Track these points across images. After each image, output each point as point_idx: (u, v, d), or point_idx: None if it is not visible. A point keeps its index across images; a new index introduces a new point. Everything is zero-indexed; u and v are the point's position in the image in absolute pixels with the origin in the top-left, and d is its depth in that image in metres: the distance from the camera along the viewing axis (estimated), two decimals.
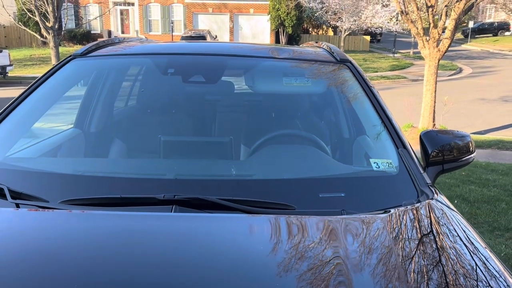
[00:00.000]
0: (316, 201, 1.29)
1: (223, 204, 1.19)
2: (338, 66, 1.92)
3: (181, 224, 1.14)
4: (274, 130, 1.74)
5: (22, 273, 0.92)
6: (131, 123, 2.02)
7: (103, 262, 0.98)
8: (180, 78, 1.97)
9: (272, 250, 1.03)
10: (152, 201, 1.20)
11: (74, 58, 1.90)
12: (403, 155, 1.47)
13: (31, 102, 1.71)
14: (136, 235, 1.08)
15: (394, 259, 0.99)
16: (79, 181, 1.39)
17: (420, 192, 1.35)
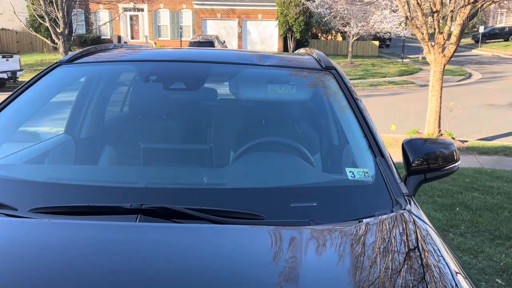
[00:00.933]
0: (286, 211, 1.28)
1: (189, 213, 1.18)
2: (323, 74, 1.91)
3: (144, 234, 1.13)
4: (255, 138, 1.73)
5: None
6: (113, 130, 2.03)
7: (62, 269, 0.98)
8: (161, 85, 1.97)
9: (231, 260, 1.03)
10: (118, 210, 1.20)
11: (60, 64, 1.92)
12: (380, 164, 1.45)
13: (15, 108, 1.73)
14: (98, 244, 1.08)
15: (350, 269, 0.98)
16: (49, 189, 1.40)
17: (395, 202, 1.33)
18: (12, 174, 1.55)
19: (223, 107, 2.13)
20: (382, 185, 1.38)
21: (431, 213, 4.44)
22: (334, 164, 1.72)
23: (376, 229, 1.20)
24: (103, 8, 29.80)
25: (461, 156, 7.74)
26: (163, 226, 1.17)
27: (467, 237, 3.85)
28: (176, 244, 1.10)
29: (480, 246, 3.65)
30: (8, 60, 16.16)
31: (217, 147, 1.69)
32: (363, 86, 18.02)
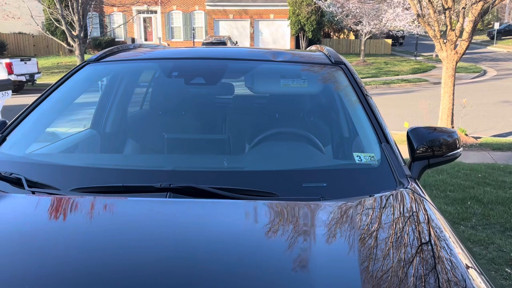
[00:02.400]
0: (298, 190, 1.41)
1: (212, 191, 1.32)
2: (332, 68, 2.03)
3: (173, 207, 1.28)
4: (270, 128, 1.87)
5: (32, 249, 1.06)
6: (140, 122, 2.18)
7: (103, 238, 1.13)
8: (182, 80, 2.11)
9: (250, 229, 1.17)
10: (150, 189, 1.34)
11: (88, 63, 2.08)
12: (385, 149, 1.57)
13: (49, 104, 1.89)
14: (137, 215, 1.24)
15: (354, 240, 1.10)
16: (87, 173, 1.55)
17: (398, 183, 1.45)
18: (52, 161, 1.71)
19: (239, 100, 2.27)
20: (387, 168, 1.50)
21: (442, 207, 4.50)
22: (343, 150, 1.84)
23: (379, 203, 1.32)
24: (117, 10, 30.26)
25: (474, 152, 7.75)
26: (190, 201, 1.32)
27: (478, 230, 3.91)
28: (201, 215, 1.24)
29: (491, 238, 3.71)
30: (27, 63, 16.56)
31: (234, 136, 1.83)
32: (376, 84, 18.00)
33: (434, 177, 5.60)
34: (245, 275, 0.97)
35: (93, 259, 1.02)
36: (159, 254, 1.03)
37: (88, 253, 1.04)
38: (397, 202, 1.34)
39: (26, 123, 1.80)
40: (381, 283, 0.93)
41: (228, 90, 2.16)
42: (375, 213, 1.26)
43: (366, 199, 1.33)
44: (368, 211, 1.27)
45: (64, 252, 1.05)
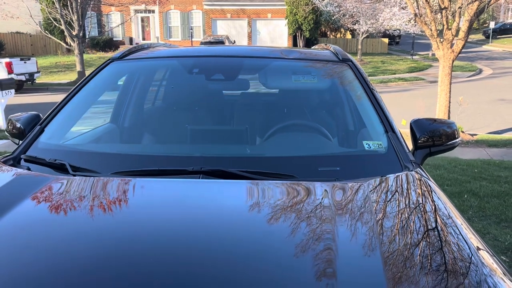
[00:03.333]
0: (315, 173, 1.57)
1: (238, 173, 1.49)
2: (340, 65, 2.19)
3: (206, 187, 1.45)
4: (284, 120, 2.02)
5: (79, 224, 1.21)
6: (163, 115, 2.33)
7: (146, 210, 1.30)
8: (203, 76, 2.27)
9: (273, 204, 1.33)
10: (183, 172, 1.51)
11: (112, 61, 2.23)
12: (392, 138, 1.73)
13: (79, 98, 2.04)
14: (174, 193, 1.42)
15: (367, 210, 1.25)
16: (124, 159, 1.71)
17: (404, 167, 1.61)
18: (90, 149, 1.87)
19: (254, 95, 2.43)
20: (393, 154, 1.67)
21: None
22: (353, 139, 1.99)
23: (388, 182, 1.48)
24: (115, 10, 30.32)
25: (470, 148, 7.92)
26: (220, 182, 1.48)
27: (474, 221, 4.08)
28: (229, 193, 1.42)
29: (487, 228, 3.87)
30: (26, 63, 16.63)
31: (253, 127, 1.98)
32: (373, 83, 18.02)
33: (432, 172, 5.76)
34: (269, 244, 1.10)
35: (142, 231, 1.18)
36: (195, 226, 1.19)
37: (136, 227, 1.20)
38: (404, 182, 1.49)
39: (60, 116, 1.94)
40: (400, 259, 1.03)
41: (244, 85, 2.31)
42: (387, 191, 1.42)
43: (377, 179, 1.48)
44: (380, 189, 1.42)
45: (116, 226, 1.20)
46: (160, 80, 2.47)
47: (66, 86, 17.81)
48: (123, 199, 1.34)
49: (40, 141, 1.79)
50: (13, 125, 1.99)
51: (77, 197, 1.36)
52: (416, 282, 0.95)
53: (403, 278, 0.96)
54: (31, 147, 1.76)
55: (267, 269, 1.00)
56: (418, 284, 0.94)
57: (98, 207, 1.29)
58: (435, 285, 0.94)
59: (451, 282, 0.96)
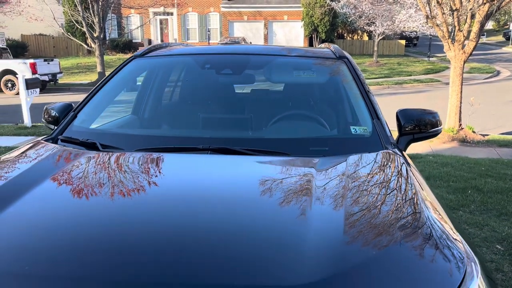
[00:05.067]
0: (306, 152, 1.84)
1: (240, 150, 1.78)
2: (336, 61, 2.45)
3: (213, 160, 1.75)
4: (284, 109, 2.28)
5: (107, 189, 1.48)
6: (180, 104, 2.63)
7: (165, 176, 1.61)
8: (214, 71, 2.55)
9: (268, 171, 1.64)
10: (195, 149, 1.81)
11: (135, 58, 2.53)
12: (376, 124, 1.98)
13: (105, 90, 2.34)
14: (188, 164, 1.73)
15: (344, 180, 1.50)
16: (146, 139, 2.03)
17: (385, 148, 1.86)
18: (116, 131, 2.17)
19: (259, 87, 2.71)
20: (376, 137, 1.92)
21: (444, 195, 4.83)
22: (343, 125, 2.25)
23: (364, 157, 1.74)
24: (135, 12, 30.99)
25: (481, 148, 8.02)
26: (225, 156, 1.77)
27: (475, 214, 4.25)
28: (233, 165, 1.72)
29: (486, 220, 4.04)
30: (49, 64, 17.22)
31: (255, 115, 2.26)
32: (388, 84, 18.25)
33: (439, 170, 5.92)
34: (256, 205, 1.35)
35: (161, 192, 1.47)
36: (204, 192, 1.47)
37: (157, 190, 1.49)
38: (378, 158, 1.75)
39: (89, 105, 2.25)
40: (359, 212, 1.26)
41: (250, 79, 2.59)
42: (361, 164, 1.68)
43: (355, 155, 1.75)
44: (356, 162, 1.69)
45: (139, 190, 1.47)
46: (176, 75, 2.76)
47: (87, 87, 18.37)
48: (145, 168, 1.64)
49: (74, 125, 2.11)
50: (48, 113, 2.31)
51: (106, 166, 1.66)
52: (369, 229, 1.18)
53: (360, 230, 1.19)
54: (66, 130, 2.07)
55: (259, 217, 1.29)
56: (372, 238, 1.15)
57: (124, 175, 1.57)
58: (386, 240, 1.14)
59: (400, 239, 1.14)
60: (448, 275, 1.04)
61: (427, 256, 1.10)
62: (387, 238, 1.14)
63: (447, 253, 1.11)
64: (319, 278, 0.97)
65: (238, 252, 1.08)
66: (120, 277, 0.98)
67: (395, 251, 1.10)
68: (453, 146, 7.90)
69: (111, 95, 2.38)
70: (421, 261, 1.08)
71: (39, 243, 1.13)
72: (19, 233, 1.18)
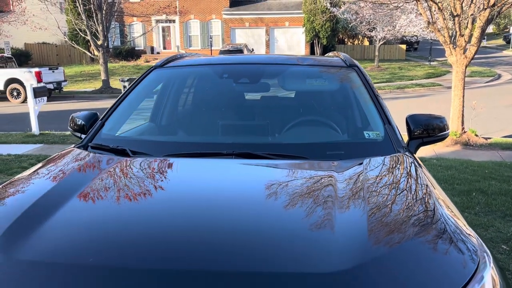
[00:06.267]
0: (324, 155, 1.96)
1: (262, 155, 1.89)
2: (347, 70, 2.57)
3: (237, 163, 1.86)
4: (299, 116, 2.41)
5: (134, 191, 1.59)
6: (202, 111, 2.75)
7: (193, 179, 1.73)
8: (232, 80, 2.68)
9: (290, 175, 1.74)
10: (221, 154, 1.93)
11: (155, 68, 2.66)
12: (388, 129, 2.10)
13: (129, 100, 2.46)
14: (215, 168, 1.84)
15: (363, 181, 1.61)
16: (172, 145, 2.15)
17: (397, 151, 1.97)
18: (143, 138, 2.30)
19: (274, 95, 2.83)
20: (388, 141, 2.03)
21: (449, 197, 4.93)
22: (357, 130, 2.37)
23: (381, 161, 1.86)
24: (137, 20, 31.25)
25: (484, 151, 8.11)
26: (249, 161, 1.88)
27: (480, 216, 4.34)
28: (257, 168, 1.83)
29: (491, 222, 4.13)
30: (54, 72, 17.40)
31: (273, 121, 2.38)
32: (390, 89, 18.37)
33: (443, 173, 6.02)
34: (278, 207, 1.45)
35: (191, 194, 1.59)
36: (229, 191, 1.60)
37: (186, 192, 1.61)
38: (392, 160, 1.87)
39: (115, 113, 2.37)
40: (380, 214, 1.36)
41: (265, 87, 2.71)
42: (377, 167, 1.79)
43: (370, 158, 1.86)
44: (371, 165, 1.80)
45: (171, 192, 1.60)
46: (196, 84, 2.89)
47: (91, 94, 18.55)
48: (175, 172, 1.77)
49: (102, 132, 2.23)
50: (74, 122, 2.43)
51: (140, 171, 1.77)
52: (390, 225, 1.29)
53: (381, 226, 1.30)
54: (95, 137, 2.19)
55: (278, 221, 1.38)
56: (393, 233, 1.26)
57: (158, 179, 1.69)
58: (405, 234, 1.24)
59: (418, 234, 1.24)
60: (462, 266, 1.16)
61: (442, 249, 1.21)
62: (406, 233, 1.25)
63: (462, 246, 1.23)
64: (347, 267, 1.08)
65: (274, 247, 1.20)
66: (172, 267, 1.11)
67: (413, 245, 1.21)
68: (456, 149, 8.00)
69: (134, 104, 2.49)
70: (438, 253, 1.20)
71: (95, 238, 1.26)
72: (76, 231, 1.31)
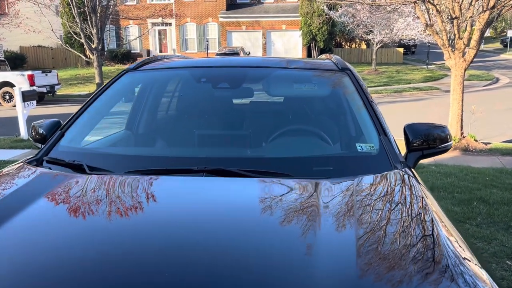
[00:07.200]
0: (310, 172, 1.70)
1: (238, 172, 1.62)
2: (339, 73, 2.32)
3: (208, 184, 1.59)
4: (285, 125, 2.16)
5: (92, 215, 1.36)
6: (175, 120, 2.50)
7: (154, 204, 1.45)
8: (210, 85, 2.43)
9: (261, 198, 1.48)
10: (189, 171, 1.65)
11: (127, 71, 2.40)
12: (383, 140, 1.85)
13: (95, 106, 2.21)
14: (181, 188, 1.58)
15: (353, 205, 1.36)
16: (136, 160, 1.87)
17: (394, 167, 1.71)
18: (105, 151, 2.03)
19: (258, 102, 2.58)
20: (384, 155, 1.78)
21: (449, 207, 4.70)
22: (347, 142, 2.11)
23: (374, 180, 1.60)
24: (133, 23, 31.05)
25: (483, 157, 7.89)
26: (221, 179, 1.62)
27: (482, 227, 4.11)
28: (228, 189, 1.56)
29: (494, 234, 3.91)
30: (47, 75, 17.15)
31: (254, 131, 2.12)
32: (388, 92, 18.17)
33: (442, 180, 5.80)
34: (256, 237, 1.22)
35: (149, 224, 1.32)
36: (197, 216, 1.34)
37: (144, 220, 1.35)
38: (389, 180, 1.60)
39: (78, 122, 2.12)
40: (374, 250, 1.12)
41: (248, 93, 2.47)
42: (370, 188, 1.53)
43: (363, 177, 1.59)
44: (364, 186, 1.54)
45: (126, 219, 1.34)
46: (171, 89, 2.64)
47: (86, 98, 18.27)
48: (134, 194, 1.48)
49: (60, 144, 1.97)
50: (36, 131, 2.18)
51: (93, 192, 1.51)
52: (384, 270, 1.05)
53: (373, 265, 1.06)
54: (52, 150, 1.93)
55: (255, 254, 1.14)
56: (386, 272, 1.03)
57: (111, 201, 1.43)
58: (402, 273, 1.02)
59: (418, 271, 1.02)
60: None
61: None
62: (404, 273, 1.02)
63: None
64: None
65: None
66: None
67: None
68: (455, 155, 7.78)
69: (102, 111, 2.25)
70: None
71: None
72: None
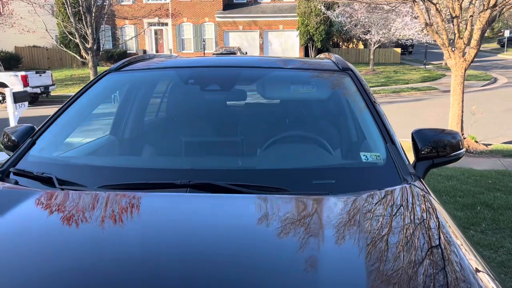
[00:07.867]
0: (308, 186, 1.50)
1: (227, 187, 1.43)
2: (340, 74, 2.13)
3: (192, 201, 1.39)
4: (281, 131, 1.96)
5: (59, 235, 1.18)
6: (159, 127, 2.29)
7: (128, 226, 1.26)
8: (198, 87, 2.23)
9: (256, 220, 1.28)
10: (171, 185, 1.45)
11: (109, 72, 2.20)
12: (391, 149, 1.66)
13: (73, 110, 2.01)
14: (160, 208, 1.37)
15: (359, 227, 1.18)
16: (111, 172, 1.66)
17: (403, 179, 1.53)
18: (79, 162, 1.84)
19: (252, 105, 2.38)
20: (392, 166, 1.59)
21: (452, 212, 4.53)
22: (350, 150, 1.93)
23: (383, 197, 1.40)
24: (129, 23, 30.78)
25: (484, 159, 7.74)
26: (208, 196, 1.42)
27: (487, 234, 3.95)
28: (216, 208, 1.36)
29: (501, 242, 3.74)
30: (41, 76, 16.91)
31: (247, 138, 1.93)
32: (386, 93, 18.02)
33: (444, 183, 5.63)
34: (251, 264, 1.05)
35: (125, 245, 1.14)
36: (177, 243, 1.14)
37: (115, 243, 1.16)
38: (400, 197, 1.41)
39: (53, 128, 1.92)
40: (386, 277, 0.97)
41: (241, 95, 2.27)
42: (379, 206, 1.34)
43: (371, 193, 1.41)
44: (372, 204, 1.35)
45: (94, 242, 1.16)
46: (156, 91, 2.44)
47: None
48: (106, 214, 1.29)
49: (30, 154, 1.76)
50: (8, 137, 1.97)
51: (60, 211, 1.32)
52: None
53: None
54: (21, 160, 1.72)
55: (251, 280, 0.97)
56: None
57: (79, 221, 1.25)
58: None
59: None
60: None
61: None
62: None
63: None
64: None
65: None
66: None
67: None
68: None
69: (80, 115, 2.06)
70: None
71: None
72: None
